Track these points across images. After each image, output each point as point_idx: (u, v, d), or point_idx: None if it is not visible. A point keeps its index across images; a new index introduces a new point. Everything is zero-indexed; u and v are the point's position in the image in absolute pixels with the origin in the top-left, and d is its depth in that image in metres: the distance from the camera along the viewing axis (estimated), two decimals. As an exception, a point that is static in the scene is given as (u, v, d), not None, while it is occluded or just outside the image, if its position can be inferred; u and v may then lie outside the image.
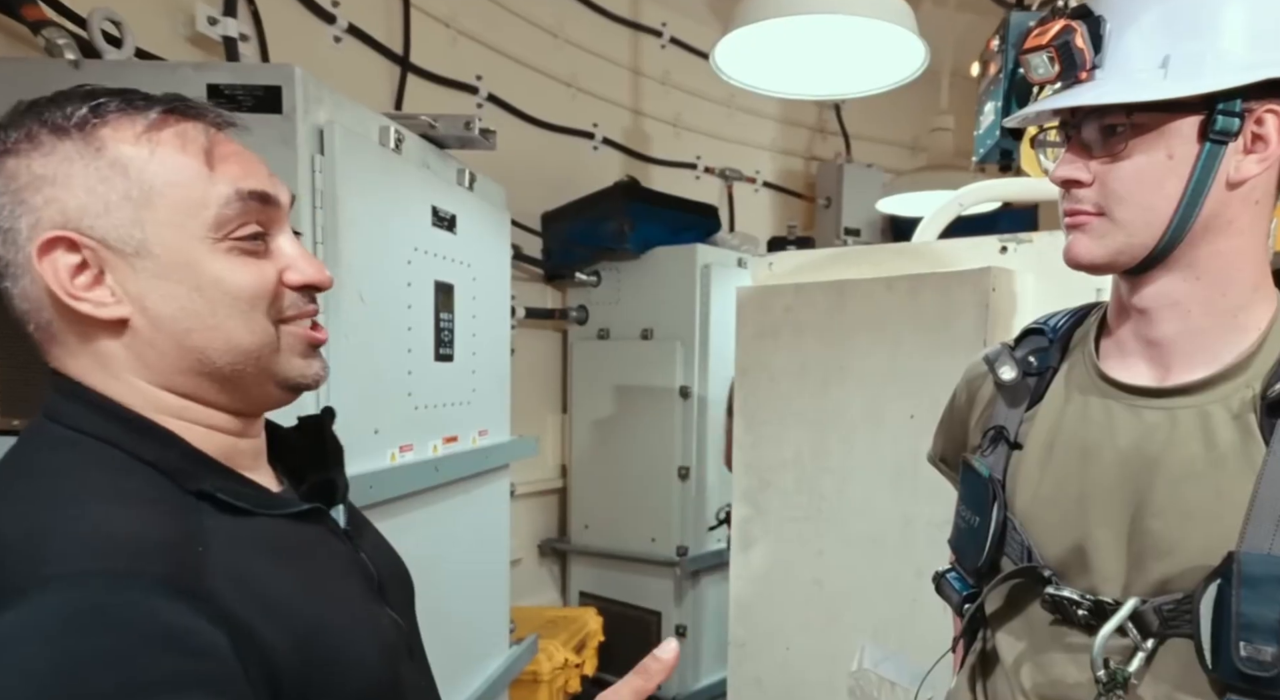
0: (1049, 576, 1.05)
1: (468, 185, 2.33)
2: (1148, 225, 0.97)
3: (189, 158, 0.80)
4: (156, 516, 0.75)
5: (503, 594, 2.60)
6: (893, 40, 2.34)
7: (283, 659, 0.74)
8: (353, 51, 3.07)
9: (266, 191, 0.83)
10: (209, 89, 1.66)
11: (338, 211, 1.73)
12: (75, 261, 0.77)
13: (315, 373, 0.89)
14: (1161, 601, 0.96)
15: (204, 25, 2.43)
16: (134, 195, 0.77)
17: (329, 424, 1.01)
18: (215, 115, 0.85)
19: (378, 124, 1.96)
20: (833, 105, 5.23)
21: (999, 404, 1.18)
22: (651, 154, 4.50)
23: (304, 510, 0.89)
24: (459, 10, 3.53)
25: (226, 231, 0.80)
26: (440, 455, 2.14)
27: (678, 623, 3.66)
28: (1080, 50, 0.97)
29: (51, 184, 0.77)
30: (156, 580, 0.69)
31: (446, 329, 2.17)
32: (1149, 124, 0.95)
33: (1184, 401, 0.99)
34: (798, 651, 2.25)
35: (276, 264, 0.84)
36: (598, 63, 4.20)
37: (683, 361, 3.59)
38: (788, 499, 2.24)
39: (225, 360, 0.82)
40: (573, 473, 4.01)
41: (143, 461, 0.79)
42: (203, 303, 0.80)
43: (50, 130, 0.77)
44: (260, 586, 0.76)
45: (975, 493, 1.15)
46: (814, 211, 5.28)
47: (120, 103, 0.79)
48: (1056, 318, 1.19)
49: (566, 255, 3.89)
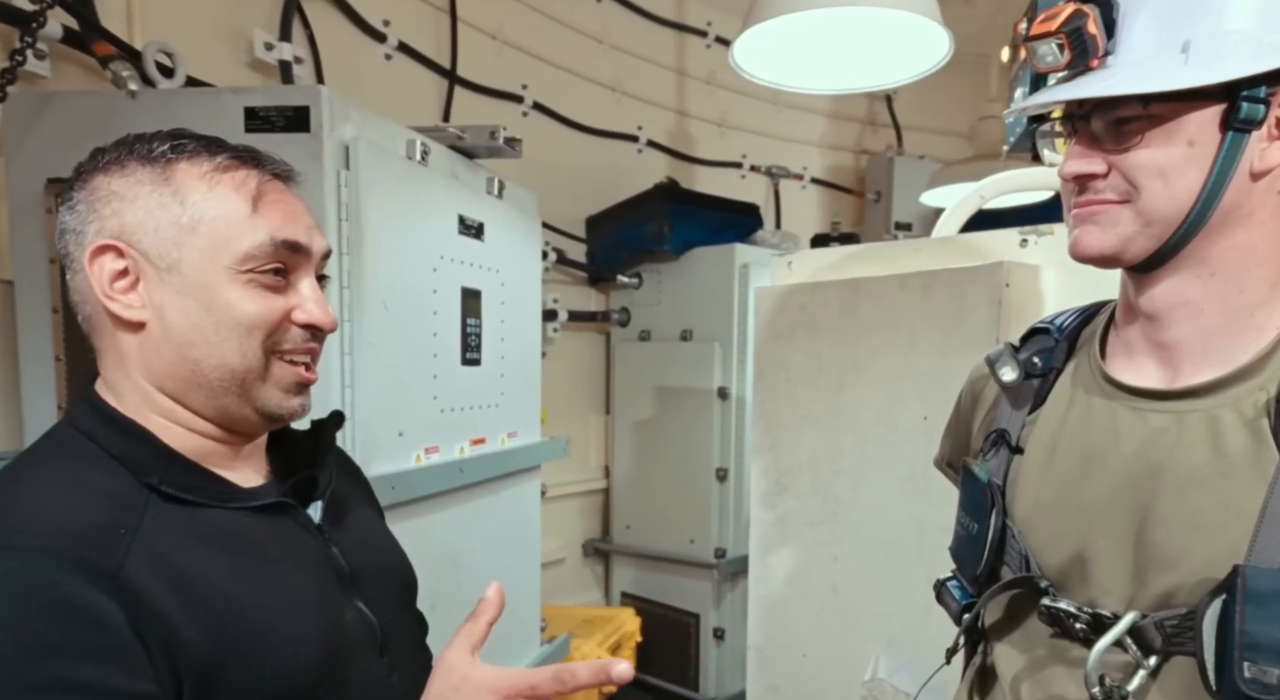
0: (1046, 587, 1.01)
1: (497, 193, 2.42)
2: (1166, 215, 0.92)
3: (239, 199, 0.93)
4: (97, 503, 0.86)
5: (534, 593, 2.68)
6: (917, 29, 2.27)
7: (190, 635, 0.82)
8: (403, 67, 3.21)
9: (298, 241, 0.95)
10: (246, 112, 1.78)
11: (362, 223, 1.83)
12: (119, 267, 0.91)
13: (292, 408, 0.98)
14: (1163, 617, 0.91)
15: (261, 51, 2.59)
16: (183, 221, 0.91)
17: (329, 426, 1.11)
18: (276, 166, 0.98)
19: (404, 138, 2.05)
20: (884, 97, 5.18)
21: (1001, 406, 1.15)
22: (696, 154, 4.55)
23: (267, 504, 0.98)
24: (505, 22, 3.64)
25: (250, 266, 0.92)
26: (466, 457, 2.24)
27: (715, 625, 3.70)
28: (1093, 36, 0.92)
29: (120, 199, 0.91)
30: (65, 557, 0.79)
31: (474, 334, 2.27)
32: (1167, 114, 0.90)
33: (1192, 404, 0.94)
34: (814, 658, 2.25)
35: (289, 301, 0.95)
36: (642, 65, 4.27)
37: (721, 362, 3.62)
38: (804, 502, 2.24)
39: (215, 375, 0.93)
40: (615, 473, 4.09)
41: (111, 455, 0.91)
42: (209, 321, 0.91)
43: (136, 158, 0.92)
44: (180, 569, 0.85)
45: (974, 498, 1.12)
46: (864, 207, 5.26)
47: (198, 145, 0.94)
48: (1064, 316, 1.15)
49: (609, 258, 3.97)
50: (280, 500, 0.99)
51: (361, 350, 1.84)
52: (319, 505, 1.04)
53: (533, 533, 2.68)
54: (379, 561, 1.11)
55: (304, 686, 0.90)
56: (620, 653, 3.39)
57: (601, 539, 4.12)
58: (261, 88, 2.36)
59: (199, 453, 0.96)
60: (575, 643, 3.05)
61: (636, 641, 3.59)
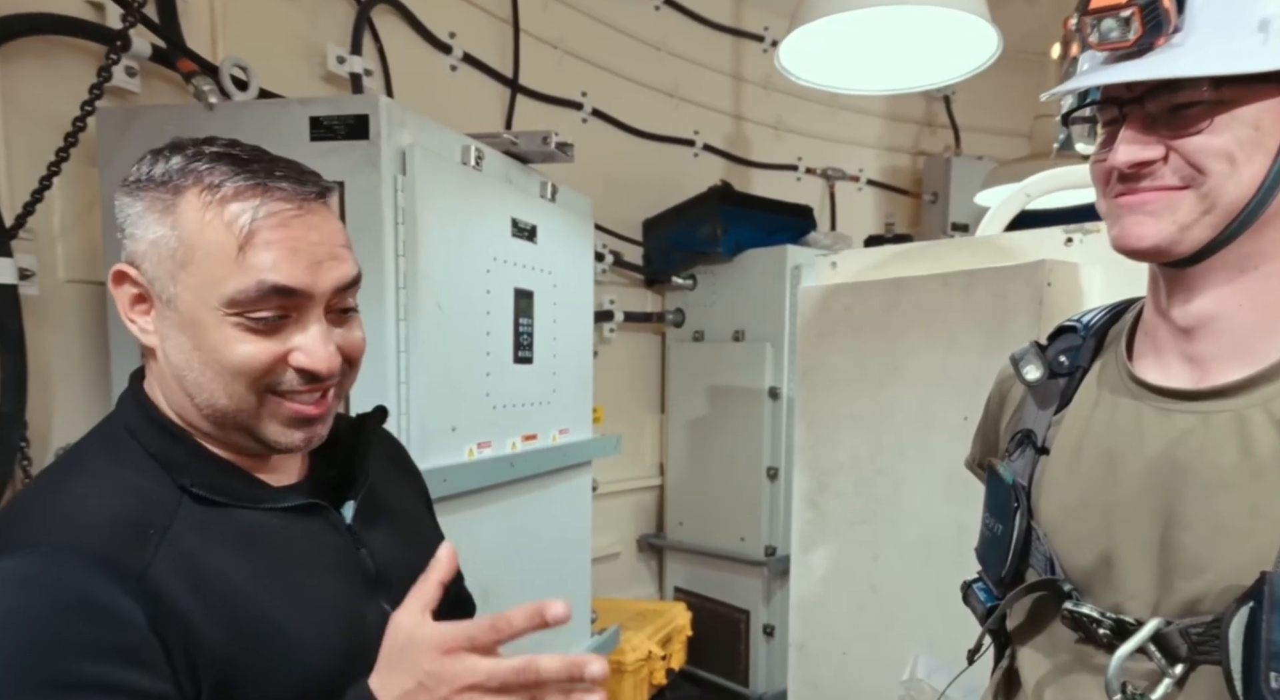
0: (1069, 591, 0.98)
1: (550, 197, 2.47)
2: (1231, 202, 0.85)
3: (228, 236, 0.86)
4: (131, 502, 0.86)
5: (585, 585, 2.73)
6: (965, 27, 2.22)
7: (210, 635, 0.83)
8: (468, 77, 3.30)
9: (290, 286, 0.88)
10: (310, 121, 1.85)
11: (418, 226, 1.89)
12: (135, 292, 0.91)
13: (293, 442, 0.93)
14: (1189, 624, 0.87)
15: (334, 64, 2.69)
16: (179, 256, 0.87)
17: (371, 422, 1.10)
18: (288, 191, 0.89)
19: (460, 144, 2.11)
20: (942, 98, 5.13)
21: (1027, 406, 1.11)
22: (752, 158, 4.56)
23: (298, 506, 0.97)
24: (566, 32, 3.70)
25: (239, 310, 0.87)
26: (518, 452, 2.29)
27: (765, 622, 3.70)
28: (1167, 10, 0.83)
29: (135, 224, 0.89)
30: (90, 556, 0.80)
31: (526, 333, 2.32)
32: (1238, 97, 0.83)
33: (1219, 404, 0.89)
34: (854, 657, 2.23)
35: (286, 344, 0.90)
36: (699, 71, 4.29)
37: (772, 363, 3.63)
38: (845, 502, 2.22)
39: (206, 411, 0.91)
40: (669, 471, 4.12)
41: (149, 454, 0.91)
42: (198, 360, 0.89)
43: (152, 180, 0.89)
44: (205, 570, 0.85)
45: (999, 500, 1.08)
46: (921, 208, 5.21)
47: (209, 168, 0.88)
48: (1091, 314, 1.10)
49: (664, 260, 4.00)
50: (311, 502, 0.98)
51: (416, 348, 1.90)
52: (351, 505, 1.03)
53: (584, 527, 2.73)
54: (410, 560, 1.05)
55: (321, 687, 0.89)
56: (671, 646, 3.42)
57: (656, 535, 4.16)
58: (325, 98, 2.46)
59: (232, 456, 0.96)
60: (626, 635, 3.09)
61: (687, 635, 3.61)
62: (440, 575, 0.90)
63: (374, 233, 1.82)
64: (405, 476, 1.24)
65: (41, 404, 1.97)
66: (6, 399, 1.84)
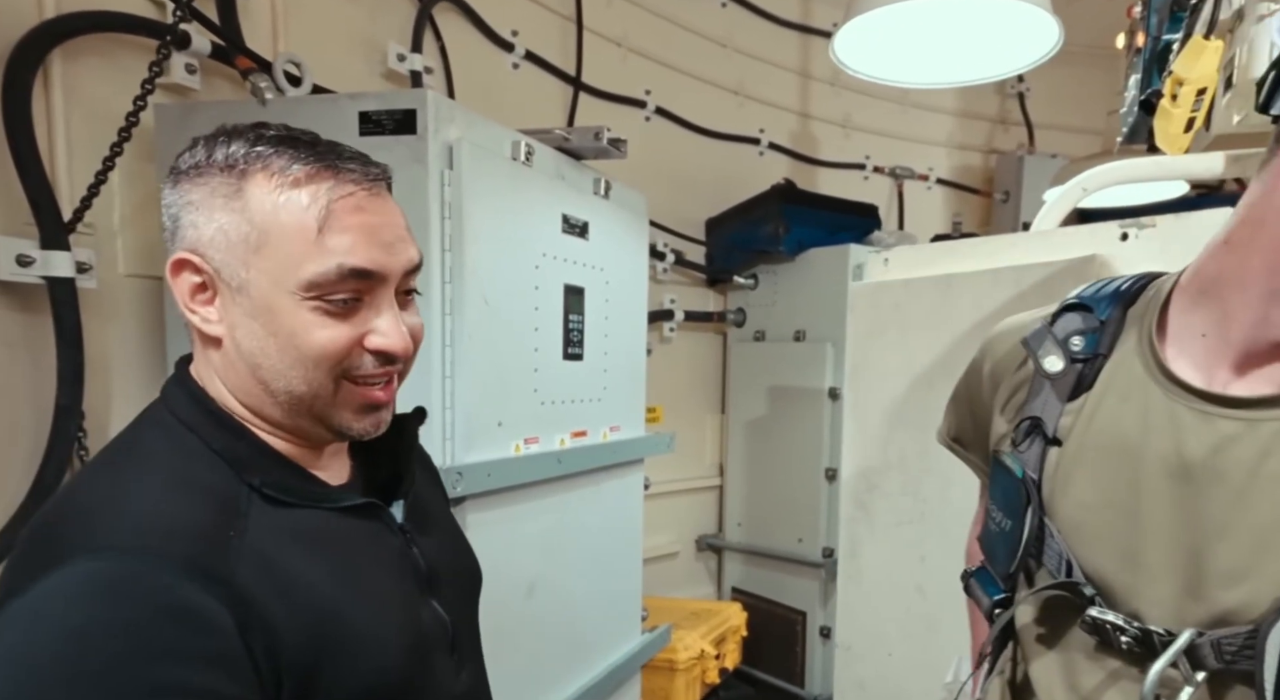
0: (1091, 596, 0.92)
1: (603, 193, 2.42)
2: None
3: (306, 218, 0.83)
4: (205, 503, 0.83)
5: (635, 583, 2.68)
6: (1025, 18, 2.14)
7: (291, 638, 0.80)
8: (530, 75, 3.26)
9: (369, 269, 0.86)
10: (360, 116, 1.83)
11: (464, 221, 1.85)
12: (197, 281, 0.87)
13: (363, 428, 0.92)
14: (1221, 635, 0.83)
15: (394, 62, 2.68)
16: (251, 239, 0.83)
17: (412, 423, 1.06)
18: (357, 174, 0.87)
19: (509, 139, 2.07)
20: (1016, 94, 4.95)
21: (1037, 391, 1.01)
22: (819, 156, 4.45)
23: (356, 505, 0.95)
24: (630, 30, 3.64)
25: (316, 293, 0.84)
26: (566, 448, 2.24)
27: (822, 624, 3.60)
28: None
29: (198, 210, 0.85)
30: (179, 560, 0.77)
31: (576, 329, 2.27)
32: None
33: (1270, 413, 0.84)
34: (900, 658, 2.18)
35: (362, 327, 0.87)
36: (765, 68, 4.20)
37: (833, 363, 3.53)
38: (893, 502, 2.16)
39: (283, 399, 0.88)
40: (728, 471, 4.04)
41: (212, 450, 0.87)
42: (274, 347, 0.86)
43: (213, 165, 0.85)
44: (284, 572, 0.83)
45: (1007, 493, 1.00)
46: (991, 207, 5.04)
47: (275, 151, 0.85)
48: (1106, 289, 1.01)
49: (726, 259, 3.92)
50: (369, 501, 0.96)
51: (461, 342, 1.86)
52: (400, 505, 1.02)
53: (635, 525, 2.67)
54: (452, 561, 1.09)
55: (390, 684, 0.88)
56: (725, 646, 3.34)
57: (715, 535, 4.08)
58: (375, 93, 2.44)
59: (288, 452, 0.93)
60: (679, 634, 3.02)
61: (742, 635, 3.53)
62: None
63: (420, 227, 1.79)
64: (431, 477, 1.21)
65: (99, 396, 1.98)
66: (64, 391, 1.84)
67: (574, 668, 2.29)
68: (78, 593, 0.73)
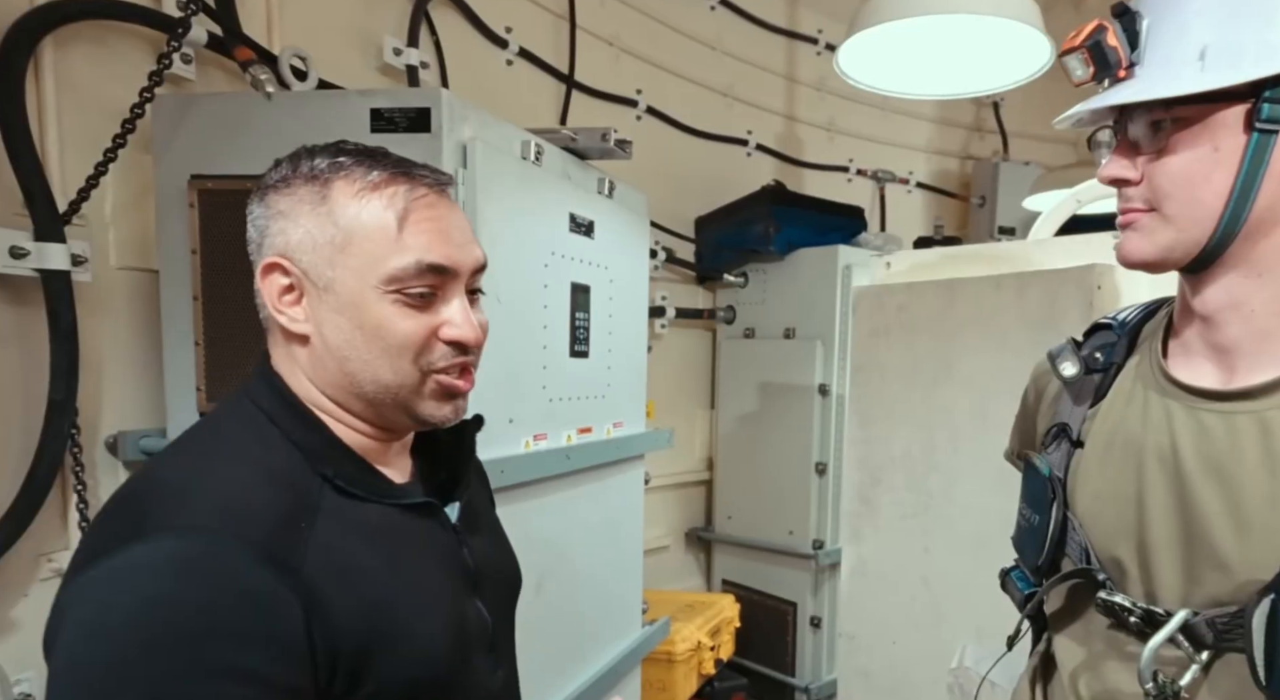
0: (1103, 580, 1.00)
1: (607, 193, 2.39)
2: (1196, 221, 0.90)
3: (387, 217, 0.89)
4: (281, 493, 0.86)
5: (637, 577, 2.66)
6: (1020, 36, 2.23)
7: (348, 625, 0.82)
8: (523, 72, 3.21)
9: (444, 264, 0.91)
10: (372, 113, 1.79)
11: (478, 220, 1.82)
12: (285, 283, 0.92)
13: (444, 415, 0.96)
14: (1215, 614, 0.89)
15: (390, 56, 2.61)
16: (337, 240, 0.89)
17: (472, 430, 1.09)
18: (429, 179, 0.94)
19: (520, 139, 2.04)
20: (991, 103, 4.99)
21: (1063, 400, 1.12)
22: (804, 158, 4.44)
23: (416, 503, 0.98)
24: (622, 29, 3.61)
25: (397, 286, 0.89)
26: (573, 444, 2.22)
27: (812, 614, 3.61)
28: (1113, 48, 0.92)
29: (285, 218, 0.91)
30: (255, 546, 0.79)
31: (582, 327, 2.25)
32: (1192, 117, 0.89)
33: (1243, 406, 0.91)
34: (904, 646, 2.21)
35: (437, 319, 0.92)
36: (754, 72, 4.19)
37: (822, 360, 3.53)
38: (897, 496, 2.20)
39: (370, 389, 0.92)
40: (718, 465, 4.03)
41: (290, 440, 0.91)
42: (361, 340, 0.90)
43: (300, 176, 0.91)
44: (347, 561, 0.86)
45: (1035, 491, 1.10)
46: (968, 211, 5.08)
47: (355, 161, 0.91)
48: (1126, 312, 1.12)
49: (716, 257, 3.91)
50: (428, 500, 0.99)
51: (475, 340, 1.84)
52: (456, 506, 1.05)
53: (636, 519, 2.65)
54: (497, 564, 1.11)
55: (435, 675, 0.90)
56: (720, 637, 3.34)
57: (704, 528, 4.07)
58: (386, 90, 2.39)
59: (361, 447, 0.96)
60: (676, 626, 3.01)
61: (735, 627, 3.52)
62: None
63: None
64: (483, 482, 1.23)
65: (91, 392, 1.91)
66: (57, 386, 1.78)
67: (578, 661, 2.27)
68: (157, 568, 0.76)
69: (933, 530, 2.14)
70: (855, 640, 2.35)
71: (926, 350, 2.15)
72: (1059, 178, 3.88)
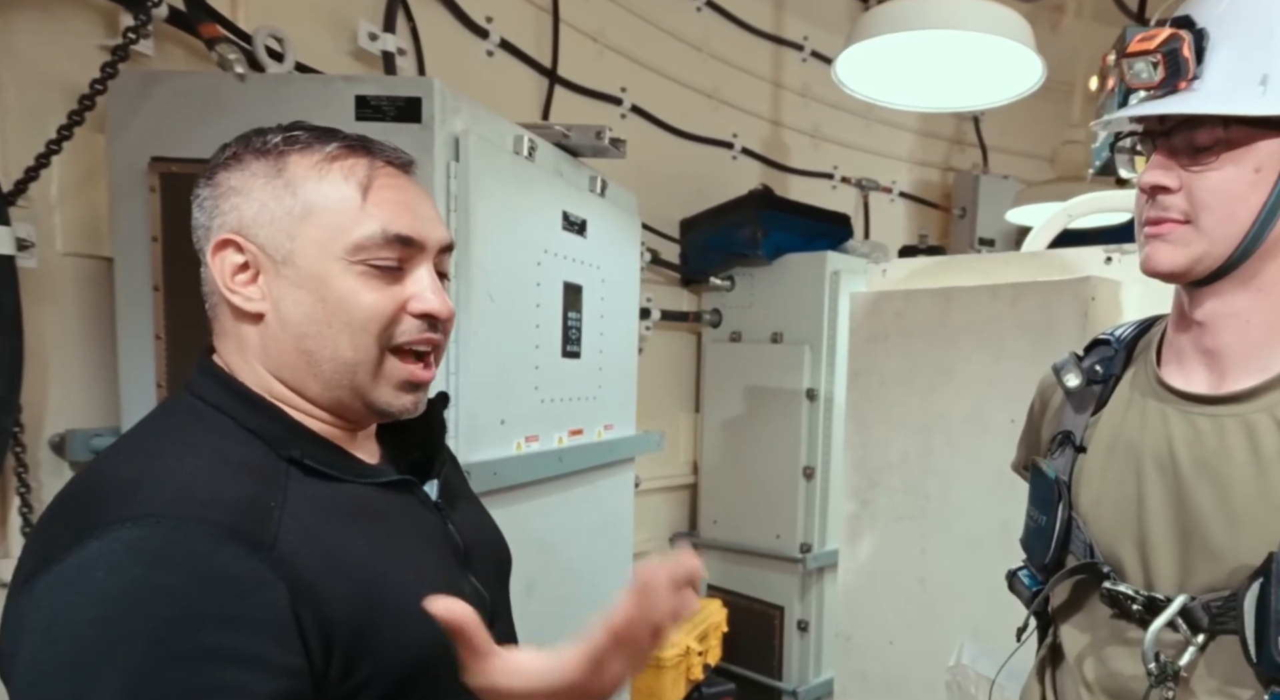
0: (1107, 572, 1.06)
1: (599, 192, 2.32)
2: (1228, 236, 0.95)
3: (348, 188, 0.86)
4: (242, 476, 0.81)
5: (626, 580, 2.57)
6: (1012, 55, 2.28)
7: (339, 606, 0.78)
8: (504, 64, 3.09)
9: (410, 236, 0.88)
10: (357, 100, 1.70)
11: (470, 215, 1.75)
12: (239, 261, 0.87)
13: (403, 406, 0.91)
14: (1209, 598, 0.96)
15: (365, 41, 2.45)
16: (295, 212, 0.85)
17: (439, 408, 1.05)
18: (390, 154, 0.91)
19: (512, 133, 1.97)
20: (972, 117, 4.99)
21: (1067, 410, 1.19)
22: (789, 164, 4.38)
23: (392, 481, 0.94)
24: (607, 25, 3.51)
25: (362, 257, 0.86)
26: (565, 447, 2.14)
27: (800, 618, 3.55)
28: (1186, 59, 0.95)
29: (238, 194, 0.87)
30: (220, 527, 0.74)
31: (574, 327, 2.17)
32: (1241, 138, 0.93)
33: (1232, 409, 0.98)
34: (901, 646, 2.22)
35: (404, 292, 0.88)
36: (739, 75, 4.11)
37: (810, 365, 3.47)
38: (894, 498, 2.21)
39: (328, 368, 0.87)
40: (703, 469, 3.95)
41: (247, 429, 0.86)
42: (324, 313, 0.86)
43: (251, 152, 0.88)
44: (328, 541, 0.81)
45: (1043, 493, 1.16)
46: (949, 222, 5.07)
47: (310, 136, 0.88)
48: (1122, 328, 1.19)
49: (702, 260, 3.83)
50: (405, 478, 0.96)
51: (467, 339, 1.76)
52: (434, 484, 1.01)
53: (626, 523, 2.58)
54: (485, 539, 1.08)
55: (435, 653, 0.85)
56: (708, 642, 3.26)
57: (689, 533, 3.99)
58: (373, 77, 2.28)
59: (323, 432, 0.92)
60: (663, 631, 2.93)
61: (723, 632, 3.45)
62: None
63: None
64: (453, 463, 1.18)
65: (35, 387, 1.76)
66: (0, 381, 1.64)
67: (568, 667, 2.19)
68: (120, 559, 0.71)
69: (929, 532, 2.15)
70: (852, 641, 2.34)
71: (923, 356, 2.16)
72: (1040, 192, 3.91)
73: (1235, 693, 0.95)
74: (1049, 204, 3.65)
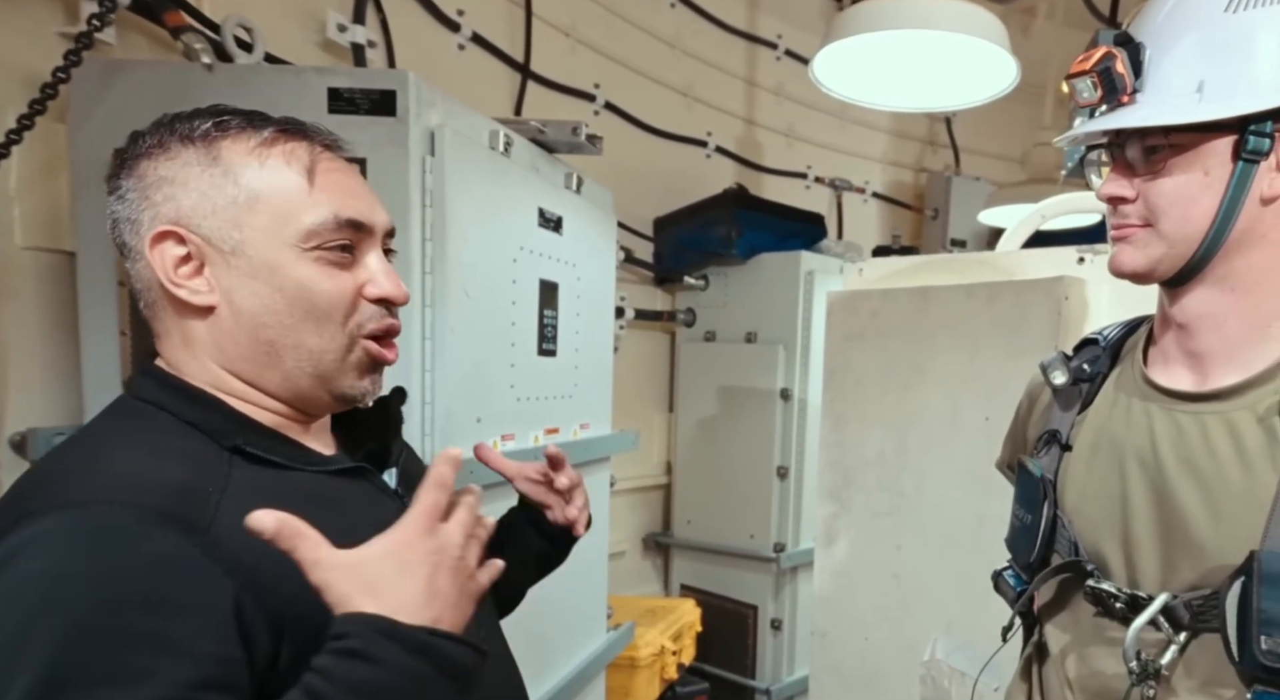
0: (1091, 570, 1.06)
1: (575, 189, 2.30)
2: (1186, 238, 0.98)
3: (293, 173, 0.85)
4: (177, 463, 0.79)
5: (601, 582, 2.56)
6: (986, 56, 2.31)
7: (288, 589, 0.75)
8: (475, 58, 3.05)
9: (360, 220, 0.87)
10: (330, 92, 1.66)
11: (446, 211, 1.72)
12: (181, 253, 0.83)
13: (364, 389, 0.92)
14: (1191, 597, 0.97)
15: (334, 32, 2.40)
16: (240, 200, 0.83)
17: (395, 401, 1.05)
18: (325, 137, 0.90)
19: (488, 128, 1.94)
20: (944, 119, 5.03)
21: (1054, 408, 1.20)
22: (764, 163, 4.39)
23: (346, 468, 0.93)
24: (579, 20, 3.48)
25: (315, 243, 0.85)
26: (541, 445, 2.12)
27: (773, 617, 3.55)
28: (1120, 75, 0.98)
29: (171, 184, 0.83)
30: (153, 512, 0.73)
31: (550, 325, 2.15)
32: (1187, 144, 0.97)
33: (1213, 407, 0.99)
34: (876, 642, 2.24)
35: (358, 278, 0.88)
36: (713, 73, 4.11)
37: (784, 365, 3.47)
38: (870, 496, 2.23)
39: (290, 359, 0.86)
40: (677, 469, 3.94)
41: (187, 423, 0.84)
42: (283, 304, 0.84)
43: (178, 139, 0.84)
44: None
45: (1028, 492, 1.17)
46: (922, 222, 5.10)
47: (241, 121, 0.85)
48: (1110, 329, 1.21)
49: (676, 259, 3.83)
50: (360, 465, 0.95)
51: (442, 336, 1.73)
52: (393, 472, 1.01)
53: (601, 523, 2.54)
54: None
55: None
56: (681, 641, 3.25)
57: (662, 533, 3.98)
58: (346, 69, 2.23)
59: (274, 424, 0.90)
60: (639, 631, 2.92)
61: (697, 631, 3.44)
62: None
63: (399, 214, 1.63)
64: (413, 456, 1.18)
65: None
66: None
67: (543, 668, 2.17)
68: (48, 545, 0.70)
69: (905, 528, 2.17)
70: (827, 637, 2.35)
71: (899, 354, 2.17)
72: (1011, 194, 3.95)
73: (1217, 691, 0.96)
74: (1020, 205, 3.71)
